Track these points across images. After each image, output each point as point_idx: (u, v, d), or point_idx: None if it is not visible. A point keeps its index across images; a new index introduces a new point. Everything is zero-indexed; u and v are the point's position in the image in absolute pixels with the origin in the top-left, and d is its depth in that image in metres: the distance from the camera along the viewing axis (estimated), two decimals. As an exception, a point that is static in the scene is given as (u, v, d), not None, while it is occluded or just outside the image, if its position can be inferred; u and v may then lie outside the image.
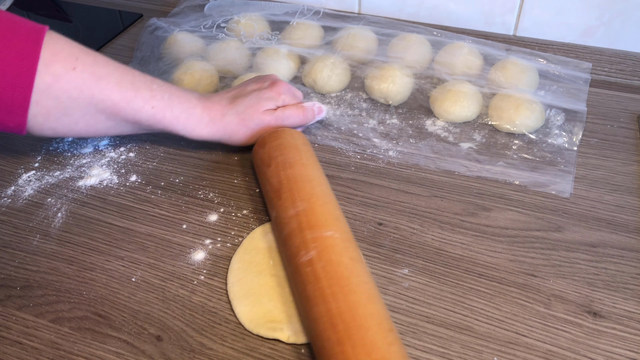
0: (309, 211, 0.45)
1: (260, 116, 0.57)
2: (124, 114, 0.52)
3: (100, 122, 0.52)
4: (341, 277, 0.40)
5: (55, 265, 0.49)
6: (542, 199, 0.55)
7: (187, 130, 0.56)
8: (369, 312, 0.38)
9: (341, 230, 0.45)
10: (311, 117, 0.61)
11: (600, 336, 0.43)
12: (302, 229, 0.44)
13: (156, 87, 0.54)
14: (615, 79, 0.73)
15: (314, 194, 0.47)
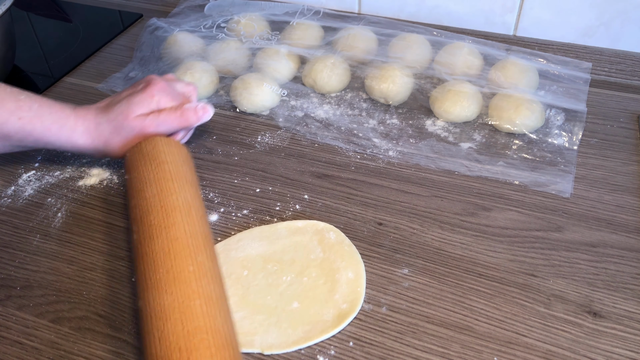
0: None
1: (131, 123, 0.53)
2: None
3: None
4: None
5: (55, 265, 0.49)
6: (542, 199, 0.55)
7: (61, 142, 0.53)
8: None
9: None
10: (194, 120, 0.55)
11: (600, 336, 0.43)
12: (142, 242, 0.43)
13: (24, 97, 0.51)
14: (615, 79, 0.73)
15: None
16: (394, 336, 0.43)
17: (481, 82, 0.67)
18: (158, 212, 0.44)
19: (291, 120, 0.66)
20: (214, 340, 0.36)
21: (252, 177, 0.58)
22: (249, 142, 0.63)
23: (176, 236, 0.42)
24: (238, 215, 0.54)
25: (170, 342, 0.36)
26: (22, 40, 0.84)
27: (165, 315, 0.37)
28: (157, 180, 0.47)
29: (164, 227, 0.43)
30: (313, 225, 0.52)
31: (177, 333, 0.36)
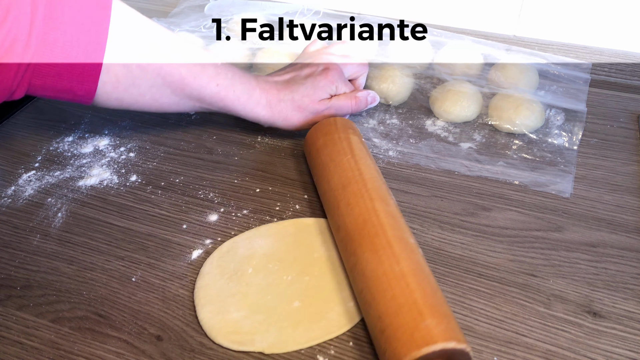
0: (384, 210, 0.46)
1: (315, 105, 0.58)
2: (189, 90, 0.54)
3: (165, 95, 0.54)
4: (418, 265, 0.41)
5: (55, 265, 0.49)
6: (542, 199, 0.55)
7: (246, 111, 0.57)
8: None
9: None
10: (363, 106, 0.61)
11: (600, 336, 0.43)
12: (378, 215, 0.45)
13: (221, 65, 0.55)
14: (615, 79, 0.73)
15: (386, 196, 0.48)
16: (394, 336, 0.43)
17: (481, 82, 0.67)
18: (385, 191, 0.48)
19: (291, 120, 0.66)
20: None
21: (252, 177, 0.58)
22: (249, 142, 0.63)
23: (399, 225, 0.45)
24: (238, 215, 0.54)
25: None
26: (22, 40, 0.84)
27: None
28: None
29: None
30: (322, 223, 0.52)
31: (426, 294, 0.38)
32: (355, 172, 0.49)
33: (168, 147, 0.63)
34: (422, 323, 0.36)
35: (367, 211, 0.45)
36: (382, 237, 0.42)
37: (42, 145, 0.63)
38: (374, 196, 0.46)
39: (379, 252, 0.41)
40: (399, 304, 0.38)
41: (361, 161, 0.50)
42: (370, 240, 0.43)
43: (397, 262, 0.40)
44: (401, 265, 0.40)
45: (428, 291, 0.39)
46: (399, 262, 0.40)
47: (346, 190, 0.48)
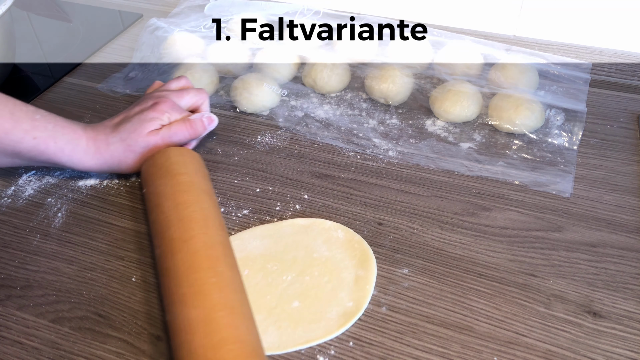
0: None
1: (144, 139, 0.54)
2: (3, 146, 0.51)
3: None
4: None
5: (55, 265, 0.49)
6: (542, 199, 0.55)
7: (73, 162, 0.54)
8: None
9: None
10: (201, 129, 0.57)
11: (600, 336, 0.43)
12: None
13: (39, 117, 0.52)
14: (615, 79, 0.73)
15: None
16: (394, 336, 0.43)
17: (481, 82, 0.67)
18: (177, 226, 0.45)
19: (291, 120, 0.66)
20: (240, 351, 0.37)
21: (252, 177, 0.58)
22: (249, 142, 0.63)
23: (195, 249, 0.43)
24: (238, 215, 0.54)
25: (199, 355, 0.36)
26: (22, 40, 0.84)
27: (192, 329, 0.38)
28: (172, 193, 0.48)
29: (183, 240, 0.43)
30: (320, 224, 0.52)
31: (205, 346, 0.37)
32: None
33: (168, 147, 0.63)
34: None
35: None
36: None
37: (42, 145, 0.63)
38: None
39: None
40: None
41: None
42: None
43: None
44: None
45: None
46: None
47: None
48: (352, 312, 0.44)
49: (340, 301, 0.45)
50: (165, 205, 0.47)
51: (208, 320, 0.38)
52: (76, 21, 0.91)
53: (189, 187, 0.49)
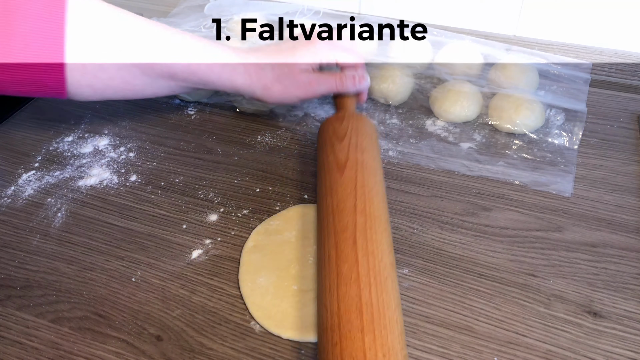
0: (368, 201, 0.45)
1: (295, 76, 0.56)
2: (159, 67, 0.52)
3: (136, 77, 0.52)
4: (379, 273, 0.39)
5: (55, 265, 0.49)
6: (542, 199, 0.55)
7: (221, 81, 0.55)
8: (396, 316, 0.38)
9: (388, 236, 0.44)
10: (351, 88, 0.58)
11: (600, 336, 0.43)
12: (356, 212, 0.43)
13: (190, 37, 0.54)
14: (615, 79, 0.73)
15: (375, 187, 0.47)
16: (394, 336, 0.43)
17: (481, 82, 0.67)
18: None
19: (291, 120, 0.66)
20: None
21: (252, 177, 0.58)
22: (249, 142, 0.63)
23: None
24: (238, 215, 0.54)
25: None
26: (22, 40, 0.84)
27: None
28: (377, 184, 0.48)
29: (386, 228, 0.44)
30: None
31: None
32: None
33: (168, 147, 0.63)
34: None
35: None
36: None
37: (42, 145, 0.63)
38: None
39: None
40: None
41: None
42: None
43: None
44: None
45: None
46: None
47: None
48: None
49: None
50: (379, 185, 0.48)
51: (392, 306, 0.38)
52: (76, 21, 0.91)
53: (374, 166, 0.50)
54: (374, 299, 0.37)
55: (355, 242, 0.41)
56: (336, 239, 0.42)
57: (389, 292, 0.39)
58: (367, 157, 0.49)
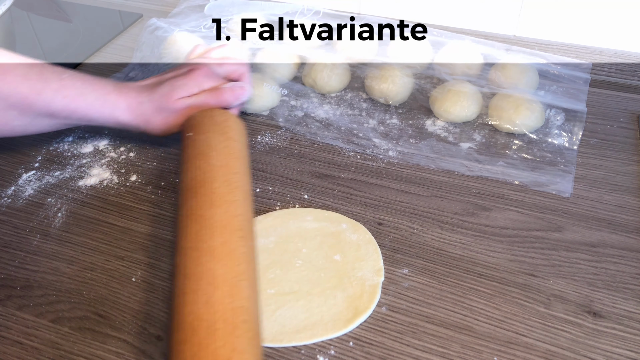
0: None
1: (174, 104, 0.56)
2: (36, 108, 0.52)
3: (14, 118, 0.53)
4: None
5: (55, 265, 0.49)
6: (542, 199, 0.55)
7: (104, 118, 0.55)
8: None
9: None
10: (231, 100, 0.57)
11: (600, 336, 0.43)
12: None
13: (67, 76, 0.54)
14: (615, 79, 0.73)
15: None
16: (394, 336, 0.43)
17: (481, 82, 0.67)
18: (222, 184, 0.46)
19: (291, 120, 0.66)
20: (253, 325, 0.37)
21: (252, 177, 0.58)
22: (249, 142, 0.63)
23: (236, 213, 0.43)
24: (238, 215, 0.54)
25: (216, 311, 0.36)
26: (22, 40, 0.84)
27: (215, 283, 0.38)
28: (224, 153, 0.49)
29: (225, 200, 0.44)
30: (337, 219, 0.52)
31: (225, 305, 0.37)
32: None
33: (168, 147, 0.63)
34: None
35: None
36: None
37: (42, 145, 0.63)
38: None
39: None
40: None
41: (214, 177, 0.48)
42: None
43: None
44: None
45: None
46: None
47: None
48: (360, 312, 0.44)
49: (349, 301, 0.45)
50: (215, 159, 0.48)
51: (233, 282, 0.39)
52: (76, 21, 0.91)
53: (240, 155, 0.50)
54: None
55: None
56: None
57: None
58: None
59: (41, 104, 0.52)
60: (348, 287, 0.46)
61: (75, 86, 0.54)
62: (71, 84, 0.53)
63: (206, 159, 0.48)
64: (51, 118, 0.54)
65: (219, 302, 0.37)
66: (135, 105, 0.56)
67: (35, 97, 0.52)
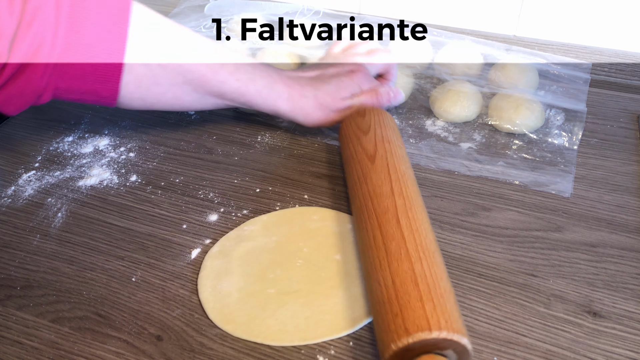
0: (403, 185, 0.46)
1: (337, 103, 0.59)
2: (210, 86, 0.55)
3: (186, 93, 0.55)
4: (427, 249, 0.41)
5: (55, 265, 0.49)
6: (542, 199, 0.55)
7: (267, 104, 0.58)
8: (450, 287, 0.39)
9: (427, 216, 0.46)
10: (386, 103, 0.61)
11: (600, 336, 0.43)
12: (394, 195, 0.45)
13: (240, 58, 0.56)
14: (615, 79, 0.73)
15: (407, 172, 0.49)
16: (394, 336, 0.43)
17: (481, 82, 0.67)
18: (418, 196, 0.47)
19: (291, 120, 0.66)
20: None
21: (252, 177, 0.58)
22: (249, 142, 0.63)
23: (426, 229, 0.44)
24: (238, 215, 0.54)
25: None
26: (22, 40, 0.84)
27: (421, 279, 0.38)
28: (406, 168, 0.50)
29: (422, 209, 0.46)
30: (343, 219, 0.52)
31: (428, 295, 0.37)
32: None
33: (168, 147, 0.63)
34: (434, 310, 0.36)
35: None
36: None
37: (42, 145, 0.63)
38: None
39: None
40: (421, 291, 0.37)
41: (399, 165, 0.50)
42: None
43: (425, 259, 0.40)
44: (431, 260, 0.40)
45: (447, 286, 0.39)
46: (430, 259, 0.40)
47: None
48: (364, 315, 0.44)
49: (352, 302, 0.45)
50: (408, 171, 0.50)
51: (433, 278, 0.39)
52: (76, 21, 0.91)
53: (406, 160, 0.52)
54: (427, 272, 0.39)
55: (399, 221, 0.43)
56: (379, 220, 0.43)
57: (439, 266, 0.40)
58: (394, 147, 0.51)
59: (215, 84, 0.55)
60: (351, 286, 0.46)
61: (248, 71, 0.56)
62: (245, 68, 0.56)
63: (400, 168, 0.49)
64: (219, 98, 0.56)
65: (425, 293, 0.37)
66: (297, 98, 0.58)
67: (212, 77, 0.54)
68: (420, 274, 0.38)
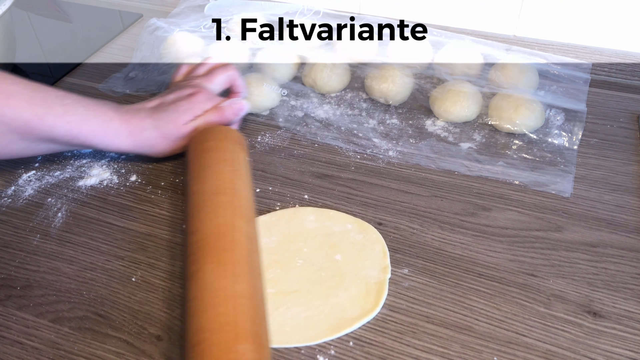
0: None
1: (179, 130, 0.56)
2: (38, 132, 0.52)
3: (14, 142, 0.52)
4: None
5: (55, 265, 0.49)
6: (542, 199, 0.55)
7: (105, 144, 0.55)
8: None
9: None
10: (231, 117, 0.59)
11: (600, 336, 0.43)
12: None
13: (70, 101, 0.53)
14: (615, 79, 0.73)
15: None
16: (394, 336, 0.43)
17: (481, 82, 0.67)
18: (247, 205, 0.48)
19: (291, 120, 0.66)
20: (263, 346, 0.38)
21: (252, 177, 0.58)
22: (249, 142, 0.63)
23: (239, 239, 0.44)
24: (238, 215, 0.54)
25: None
26: (22, 40, 0.85)
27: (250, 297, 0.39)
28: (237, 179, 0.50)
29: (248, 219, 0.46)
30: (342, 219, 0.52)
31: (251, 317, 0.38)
32: (229, 184, 0.48)
33: (168, 147, 0.63)
34: (238, 346, 0.36)
35: (227, 225, 0.44)
36: (231, 253, 0.42)
37: (42, 145, 0.63)
38: (239, 213, 0.46)
39: (223, 267, 0.41)
40: (222, 322, 0.37)
41: (238, 175, 0.50)
42: (219, 253, 0.42)
43: (237, 281, 0.40)
44: (240, 285, 0.40)
45: (256, 317, 0.38)
46: (239, 282, 0.40)
47: (214, 198, 0.47)
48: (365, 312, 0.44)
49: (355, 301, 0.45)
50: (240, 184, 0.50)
51: (255, 302, 0.39)
52: (76, 21, 0.91)
53: (244, 175, 0.51)
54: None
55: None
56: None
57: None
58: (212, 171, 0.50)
59: (43, 129, 0.52)
60: (351, 286, 0.46)
61: (78, 112, 0.53)
62: (74, 109, 0.53)
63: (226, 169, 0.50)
64: (51, 143, 0.54)
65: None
66: (138, 132, 0.56)
67: (38, 122, 0.51)
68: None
